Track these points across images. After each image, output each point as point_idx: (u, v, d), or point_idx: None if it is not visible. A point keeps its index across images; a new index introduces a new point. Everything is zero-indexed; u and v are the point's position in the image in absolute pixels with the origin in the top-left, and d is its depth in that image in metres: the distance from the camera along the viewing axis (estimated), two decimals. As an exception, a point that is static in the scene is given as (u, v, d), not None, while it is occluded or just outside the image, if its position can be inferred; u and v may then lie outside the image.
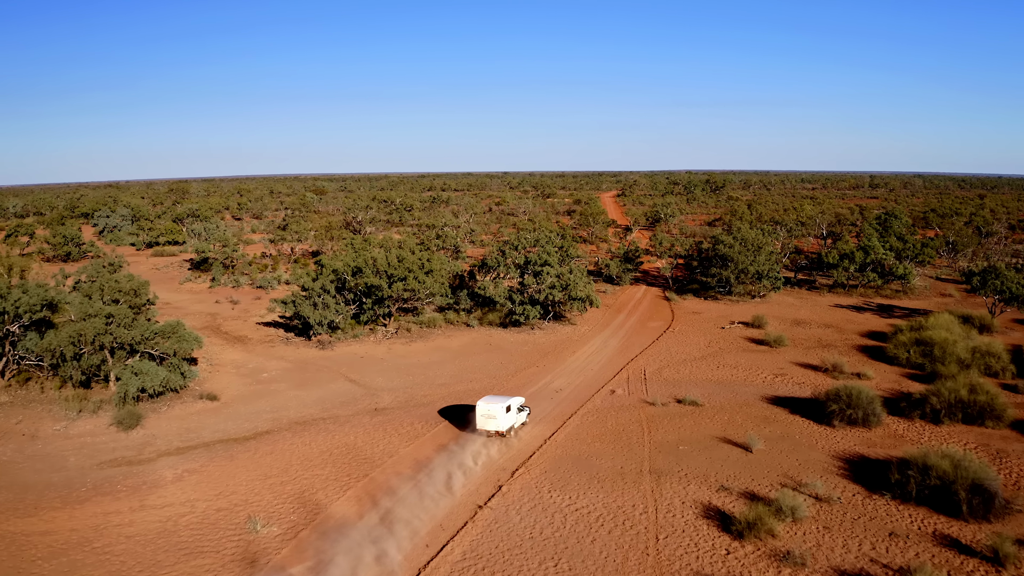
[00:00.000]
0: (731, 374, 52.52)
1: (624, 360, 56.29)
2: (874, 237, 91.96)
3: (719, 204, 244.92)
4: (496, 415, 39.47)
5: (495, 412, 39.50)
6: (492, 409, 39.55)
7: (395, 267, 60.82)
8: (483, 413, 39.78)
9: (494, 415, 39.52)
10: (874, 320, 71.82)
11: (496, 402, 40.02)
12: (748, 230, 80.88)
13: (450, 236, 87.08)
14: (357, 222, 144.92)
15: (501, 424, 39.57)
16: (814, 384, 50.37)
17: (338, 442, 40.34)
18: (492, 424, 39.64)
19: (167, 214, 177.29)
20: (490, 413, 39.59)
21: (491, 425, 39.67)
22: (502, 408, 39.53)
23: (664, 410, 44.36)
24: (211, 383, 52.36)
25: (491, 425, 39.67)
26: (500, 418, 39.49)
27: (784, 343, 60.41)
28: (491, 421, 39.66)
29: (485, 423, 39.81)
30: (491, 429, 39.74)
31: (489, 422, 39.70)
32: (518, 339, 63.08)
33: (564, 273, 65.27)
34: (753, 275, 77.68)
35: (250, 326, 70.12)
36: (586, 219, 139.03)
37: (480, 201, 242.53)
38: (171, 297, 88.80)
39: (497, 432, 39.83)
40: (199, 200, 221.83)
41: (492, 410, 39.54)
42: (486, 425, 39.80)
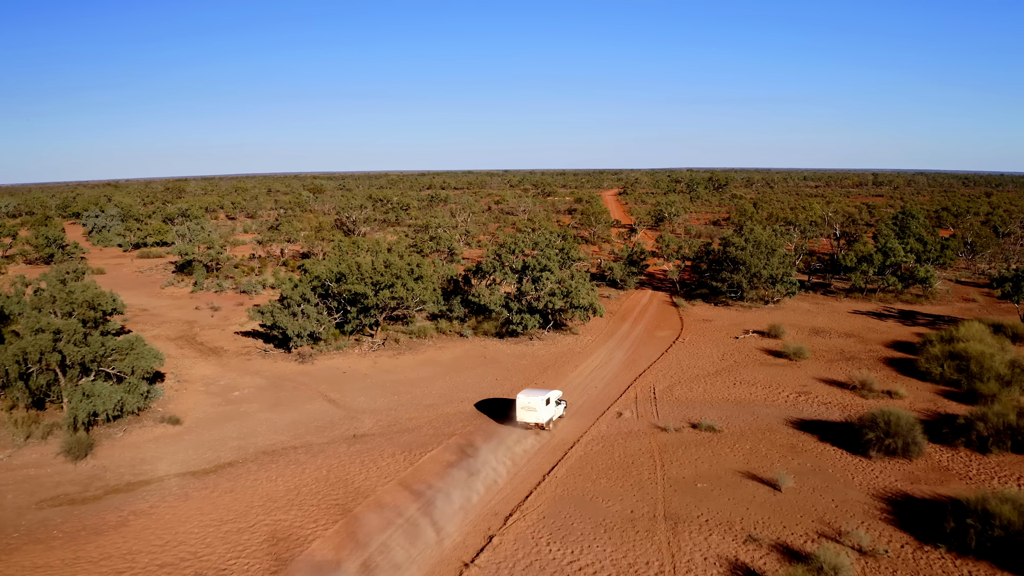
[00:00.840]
0: (749, 392, 47.61)
1: (631, 376, 51.40)
2: (892, 238, 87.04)
3: (723, 202, 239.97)
4: (536, 407, 40.06)
5: (535, 404, 40.06)
6: (532, 402, 40.14)
7: (381, 273, 55.95)
8: (523, 406, 40.36)
9: (534, 407, 40.09)
10: (897, 328, 66.88)
11: (536, 395, 40.48)
12: (760, 231, 75.91)
13: (444, 238, 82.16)
14: (351, 222, 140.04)
15: (541, 416, 40.22)
16: (842, 404, 45.52)
17: (308, 477, 35.48)
18: (532, 416, 40.26)
19: (157, 214, 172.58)
20: (530, 406, 40.17)
21: (531, 417, 40.30)
22: (542, 401, 40.11)
23: (678, 437, 39.46)
24: (176, 403, 47.54)
25: (531, 417, 40.30)
26: (540, 411, 40.11)
27: (804, 355, 55.50)
28: (531, 413, 40.26)
29: (525, 415, 40.38)
30: (531, 421, 40.38)
31: (529, 414, 40.30)
32: (515, 351, 58.18)
33: (565, 279, 60.37)
34: (766, 279, 72.74)
35: (228, 336, 65.28)
36: (587, 219, 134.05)
37: (479, 200, 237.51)
38: (149, 303, 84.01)
39: (537, 424, 40.47)
40: (189, 199, 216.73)
41: (532, 403, 40.13)
42: (526, 417, 40.39)
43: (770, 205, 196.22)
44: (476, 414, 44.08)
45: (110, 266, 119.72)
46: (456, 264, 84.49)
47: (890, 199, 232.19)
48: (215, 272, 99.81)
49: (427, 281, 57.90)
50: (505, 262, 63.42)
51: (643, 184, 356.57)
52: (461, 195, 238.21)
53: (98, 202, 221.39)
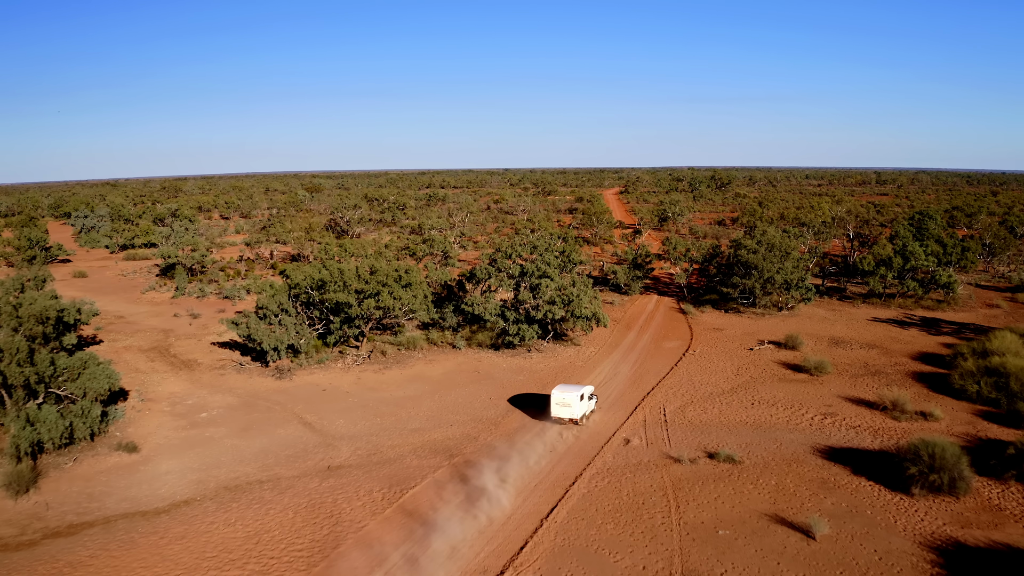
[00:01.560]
0: (770, 414, 43.07)
1: (639, 394, 46.86)
2: (910, 240, 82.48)
3: (726, 201, 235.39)
4: (571, 403, 40.21)
5: (570, 400, 40.22)
6: (567, 397, 40.31)
7: (366, 281, 51.46)
8: (558, 401, 40.49)
9: (569, 403, 40.25)
10: (922, 338, 62.32)
11: (571, 391, 40.79)
12: (774, 233, 71.31)
13: (437, 240, 77.62)
14: (344, 223, 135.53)
15: (575, 412, 40.38)
16: (872, 427, 41.02)
17: (272, 521, 31.00)
18: (567, 412, 40.40)
19: (147, 214, 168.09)
20: (565, 401, 40.31)
21: (566, 413, 40.43)
22: (576, 396, 40.29)
23: (693, 470, 34.93)
24: (137, 426, 43.06)
25: (566, 413, 40.43)
26: (575, 406, 40.25)
27: (826, 370, 50.96)
28: (566, 409, 40.38)
29: (560, 411, 40.54)
30: (565, 417, 40.52)
31: (564, 410, 40.43)
32: (512, 364, 53.66)
33: (566, 286, 55.82)
34: (781, 285, 68.18)
35: (203, 347, 60.79)
36: (589, 218, 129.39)
37: (479, 199, 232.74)
38: (127, 309, 79.57)
39: (571, 420, 40.66)
40: (180, 199, 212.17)
41: (567, 398, 40.28)
42: (561, 413, 40.56)
43: (777, 204, 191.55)
44: (466, 440, 39.58)
45: (94, 269, 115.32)
46: (451, 268, 79.99)
47: (896, 198, 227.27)
48: (200, 276, 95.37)
49: (416, 288, 53.40)
50: (501, 268, 58.86)
51: (644, 183, 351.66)
52: (460, 194, 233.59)
53: (90, 202, 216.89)
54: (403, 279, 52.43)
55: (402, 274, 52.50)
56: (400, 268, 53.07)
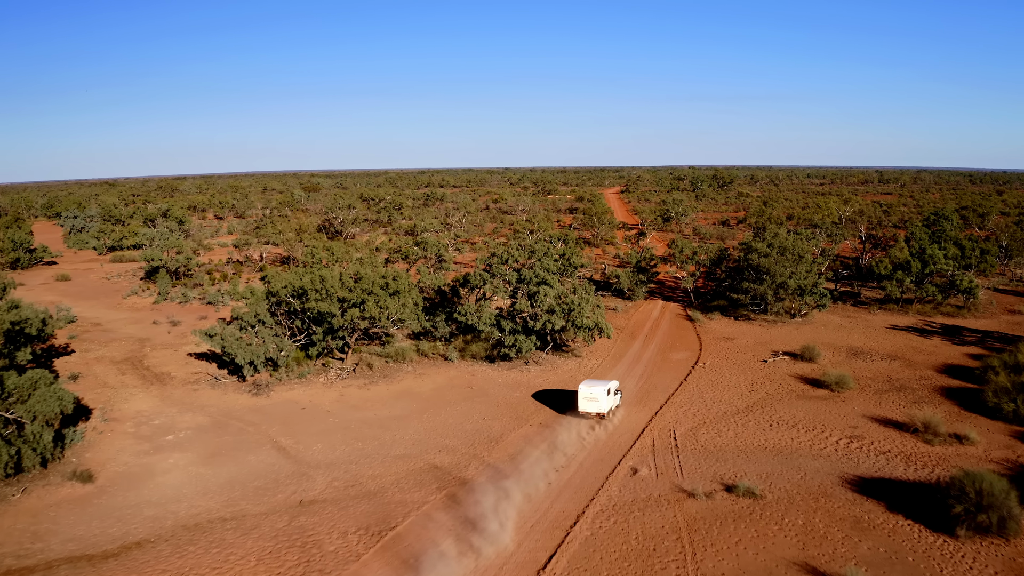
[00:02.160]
0: (790, 437, 39.21)
1: (646, 414, 42.99)
2: (926, 242, 78.70)
3: (729, 201, 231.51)
4: (599, 397, 40.57)
5: (597, 395, 40.59)
6: (595, 392, 40.65)
7: (350, 288, 47.64)
8: (585, 396, 40.84)
9: (596, 398, 40.60)
10: (945, 348, 58.47)
11: (598, 385, 41.04)
12: (786, 235, 67.43)
13: (431, 243, 73.73)
14: (338, 223, 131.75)
15: (602, 406, 40.75)
16: (904, 453, 37.20)
17: (230, 571, 27.17)
18: (594, 407, 40.75)
19: (137, 214, 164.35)
20: (592, 396, 40.66)
21: (593, 407, 40.79)
22: (603, 391, 40.67)
23: (710, 507, 31.08)
24: (96, 450, 39.27)
25: (593, 407, 40.79)
26: (602, 400, 40.62)
27: (848, 385, 47.12)
28: (593, 404, 40.72)
29: (587, 406, 40.86)
30: (592, 411, 40.89)
31: (591, 404, 40.78)
32: (508, 379, 49.80)
33: (566, 294, 51.99)
34: (794, 291, 64.32)
35: (179, 358, 56.99)
36: (590, 219, 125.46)
37: (478, 198, 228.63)
38: (105, 315, 75.78)
39: (598, 414, 41.06)
40: (171, 199, 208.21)
41: (595, 393, 40.62)
42: (588, 407, 40.90)
43: (782, 204, 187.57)
44: (456, 469, 35.76)
45: (79, 271, 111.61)
46: (445, 272, 76.09)
47: (900, 197, 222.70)
48: (185, 279, 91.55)
49: (405, 296, 49.55)
50: (496, 274, 55.00)
51: (645, 182, 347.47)
52: (458, 194, 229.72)
53: (82, 202, 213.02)
54: (390, 286, 48.60)
55: (389, 281, 48.66)
56: (388, 274, 49.22)
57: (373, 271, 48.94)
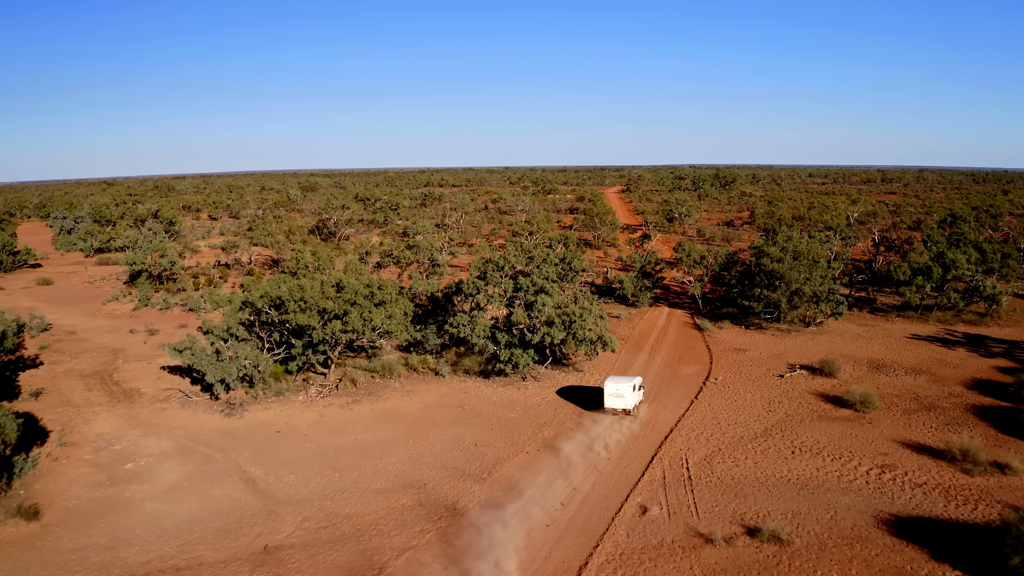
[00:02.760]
0: (816, 467, 35.32)
1: (654, 439, 39.11)
2: (944, 245, 74.85)
3: (732, 201, 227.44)
4: (624, 394, 40.70)
5: (623, 391, 40.71)
6: (621, 388, 40.79)
7: (331, 298, 43.80)
8: (612, 392, 40.95)
9: (622, 394, 40.75)
10: (972, 361, 54.58)
11: (623, 382, 41.28)
12: (800, 238, 63.52)
13: (423, 247, 69.79)
14: (332, 224, 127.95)
15: (628, 402, 40.90)
16: (942, 485, 33.36)
17: (175, 638, 23.36)
18: (620, 403, 40.94)
19: (128, 215, 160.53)
20: (619, 392, 40.78)
21: (619, 404, 40.97)
22: (630, 387, 40.86)
23: (731, 556, 27.20)
24: (47, 481, 35.46)
25: (619, 404, 40.97)
26: (628, 396, 40.73)
27: (874, 404, 43.26)
28: (619, 400, 40.87)
29: (613, 402, 41.03)
30: (618, 407, 41.08)
31: (617, 401, 40.93)
32: (503, 398, 45.90)
33: (567, 304, 48.13)
34: (809, 298, 60.44)
35: (152, 371, 53.16)
36: (591, 220, 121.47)
37: (477, 198, 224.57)
38: (82, 323, 71.98)
39: (624, 410, 41.19)
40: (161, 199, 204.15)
41: (621, 389, 40.76)
42: (614, 404, 41.09)
43: (786, 203, 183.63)
44: (442, 507, 31.89)
45: (62, 275, 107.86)
46: (438, 277, 72.17)
47: (905, 197, 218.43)
48: (168, 284, 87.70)
49: (392, 306, 45.69)
50: (491, 282, 51.10)
51: (646, 181, 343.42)
52: (456, 193, 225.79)
53: (74, 202, 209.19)
54: (376, 296, 44.73)
55: (375, 290, 44.80)
56: (373, 283, 45.35)
57: (357, 280, 45.05)
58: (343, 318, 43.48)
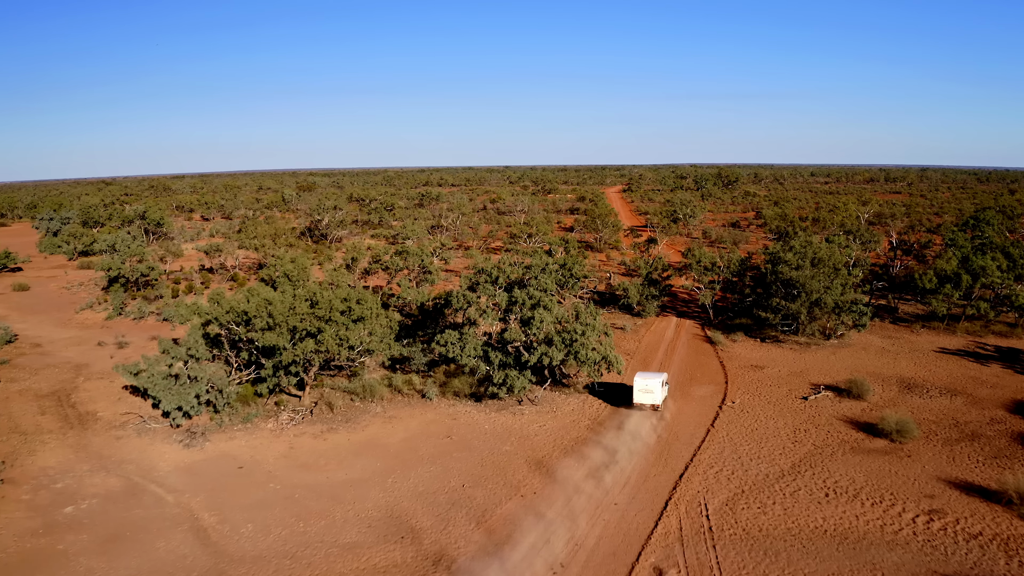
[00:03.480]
0: (854, 514, 30.64)
1: (668, 477, 34.44)
2: (969, 250, 70.24)
3: (736, 200, 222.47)
4: (653, 390, 40.85)
5: (652, 387, 40.84)
6: (650, 384, 40.89)
7: (302, 316, 39.17)
8: (641, 388, 41.07)
9: (651, 390, 40.84)
10: (1009, 379, 49.89)
11: (652, 378, 41.45)
12: (820, 244, 58.81)
13: (413, 253, 65.09)
14: (323, 226, 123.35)
15: (657, 398, 41.02)
16: (999, 535, 28.79)
17: None
18: (649, 398, 41.06)
19: (115, 216, 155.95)
20: (648, 388, 40.89)
21: (648, 399, 41.10)
22: (658, 383, 41.05)
23: (765, 638, 22.55)
24: (-30, 528, 30.80)
25: (648, 399, 41.10)
26: (656, 392, 40.89)
27: (912, 433, 38.59)
28: (648, 395, 41.01)
29: (643, 397, 41.18)
30: (647, 403, 41.21)
31: (647, 396, 41.06)
32: (496, 426, 41.20)
33: (567, 319, 43.44)
34: (831, 308, 55.76)
35: (114, 391, 48.56)
36: (593, 221, 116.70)
37: (475, 198, 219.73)
38: (51, 334, 67.41)
39: (652, 406, 41.31)
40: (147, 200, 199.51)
41: (650, 385, 40.85)
42: (643, 399, 41.22)
43: (793, 204, 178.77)
44: (423, 566, 27.24)
45: (41, 279, 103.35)
46: (429, 285, 67.46)
47: (911, 196, 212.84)
48: (147, 291, 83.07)
49: (372, 323, 41.06)
50: (484, 294, 46.43)
51: (647, 180, 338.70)
52: (454, 194, 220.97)
53: (64, 202, 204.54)
54: (354, 311, 40.08)
55: (352, 305, 40.14)
56: (351, 297, 40.68)
57: (333, 293, 40.35)
58: (316, 337, 38.85)
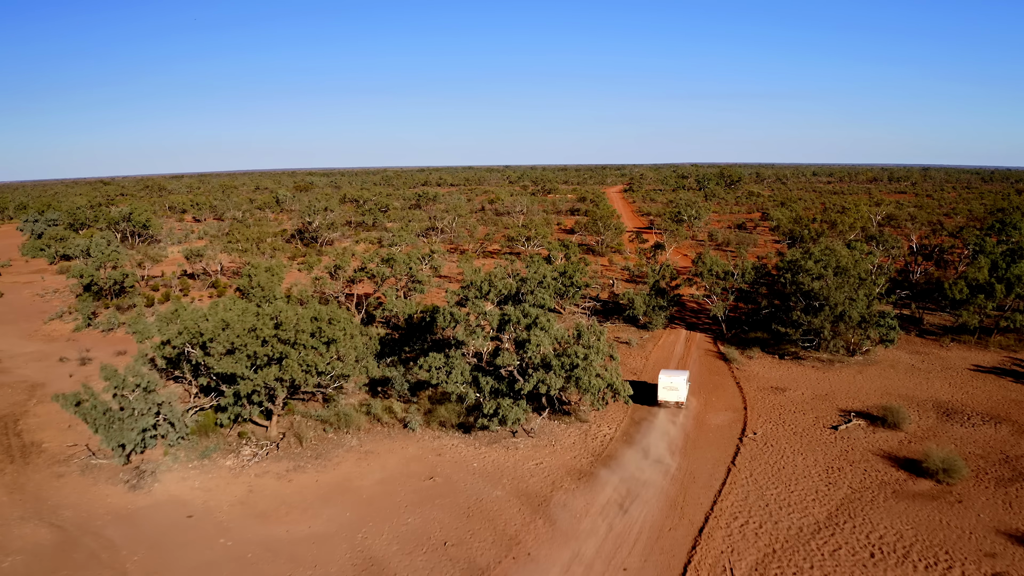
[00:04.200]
0: (908, 582, 25.79)
1: (684, 533, 29.53)
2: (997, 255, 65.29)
3: (740, 201, 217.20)
4: (678, 387, 41.15)
5: (677, 384, 41.17)
6: (675, 381, 41.24)
7: (266, 338, 34.32)
8: (666, 385, 41.30)
9: (676, 387, 41.16)
10: (1056, 400, 45.03)
11: (677, 375, 41.84)
12: (844, 251, 53.86)
13: (400, 261, 59.98)
14: (312, 228, 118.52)
15: (681, 395, 41.29)
16: (1088, 611, 23.86)
17: None
18: (674, 396, 41.37)
19: (100, 219, 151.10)
20: (672, 385, 41.18)
21: (673, 396, 41.39)
22: (683, 380, 41.41)
23: None
24: None
25: (673, 396, 41.39)
26: (681, 389, 41.21)
27: (960, 472, 33.68)
28: (673, 393, 41.33)
29: (667, 395, 41.44)
30: (672, 400, 41.52)
31: (671, 393, 41.37)
32: (487, 463, 36.21)
33: (568, 340, 38.52)
34: (857, 322, 50.87)
35: (66, 417, 43.48)
36: (595, 223, 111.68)
37: (474, 198, 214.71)
38: (12, 347, 62.67)
39: (676, 403, 41.63)
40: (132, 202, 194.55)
41: (675, 382, 41.19)
42: (668, 396, 41.50)
43: (800, 204, 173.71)
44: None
45: (16, 285, 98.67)
46: (419, 294, 62.54)
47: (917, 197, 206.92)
48: (121, 299, 78.24)
49: (345, 345, 36.21)
50: (473, 311, 41.52)
51: (648, 180, 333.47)
52: (451, 194, 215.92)
53: (52, 203, 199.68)
54: (324, 332, 35.21)
55: (323, 325, 35.28)
56: (321, 315, 35.80)
57: (299, 313, 35.43)
58: (281, 363, 34.01)
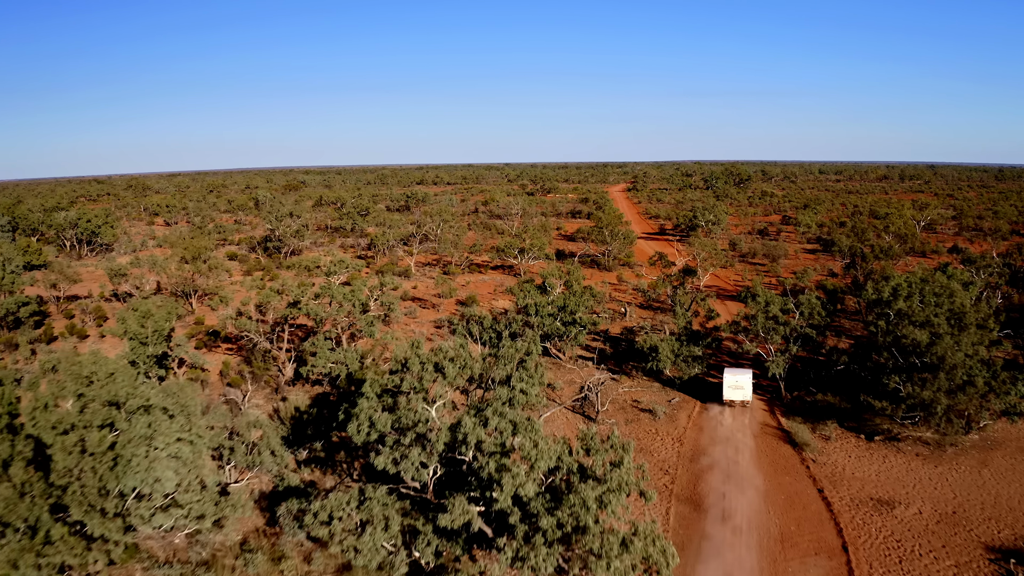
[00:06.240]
0: None
1: None
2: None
3: (753, 201, 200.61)
4: (744, 386, 40.86)
5: (743, 383, 40.91)
6: (740, 380, 40.97)
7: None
8: (731, 384, 41.03)
9: (742, 386, 40.91)
10: None
11: (742, 374, 41.23)
12: (955, 287, 38.33)
13: (340, 295, 43.96)
14: (276, 236, 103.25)
15: (747, 394, 40.94)
16: None
17: None
18: (740, 395, 41.04)
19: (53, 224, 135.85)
20: (738, 384, 40.93)
21: (739, 395, 41.07)
22: (748, 379, 41.04)
23: None
24: None
25: (739, 395, 41.07)
26: (747, 388, 40.88)
27: None
28: (739, 392, 41.00)
29: (733, 394, 41.11)
30: (738, 399, 41.21)
31: (737, 392, 41.04)
32: None
33: (571, 469, 22.84)
34: (982, 391, 35.40)
35: None
36: (600, 231, 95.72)
37: (469, 198, 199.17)
38: None
39: (742, 402, 41.36)
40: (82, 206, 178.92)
41: (741, 381, 40.94)
42: (734, 395, 41.12)
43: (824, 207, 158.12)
44: None
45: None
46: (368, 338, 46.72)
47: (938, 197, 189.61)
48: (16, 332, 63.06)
49: (190, 464, 20.79)
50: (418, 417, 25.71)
51: (652, 178, 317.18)
52: (443, 195, 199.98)
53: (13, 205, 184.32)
54: (124, 454, 19.76)
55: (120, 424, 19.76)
56: (131, 402, 20.28)
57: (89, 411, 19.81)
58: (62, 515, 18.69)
